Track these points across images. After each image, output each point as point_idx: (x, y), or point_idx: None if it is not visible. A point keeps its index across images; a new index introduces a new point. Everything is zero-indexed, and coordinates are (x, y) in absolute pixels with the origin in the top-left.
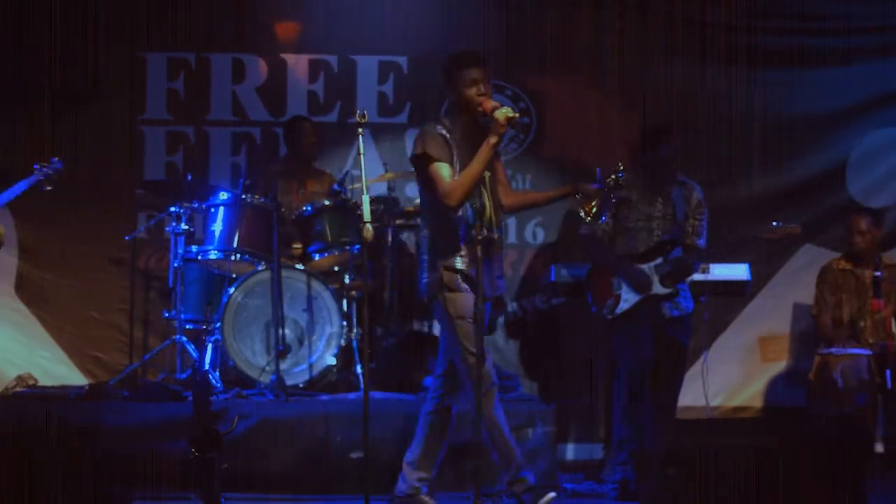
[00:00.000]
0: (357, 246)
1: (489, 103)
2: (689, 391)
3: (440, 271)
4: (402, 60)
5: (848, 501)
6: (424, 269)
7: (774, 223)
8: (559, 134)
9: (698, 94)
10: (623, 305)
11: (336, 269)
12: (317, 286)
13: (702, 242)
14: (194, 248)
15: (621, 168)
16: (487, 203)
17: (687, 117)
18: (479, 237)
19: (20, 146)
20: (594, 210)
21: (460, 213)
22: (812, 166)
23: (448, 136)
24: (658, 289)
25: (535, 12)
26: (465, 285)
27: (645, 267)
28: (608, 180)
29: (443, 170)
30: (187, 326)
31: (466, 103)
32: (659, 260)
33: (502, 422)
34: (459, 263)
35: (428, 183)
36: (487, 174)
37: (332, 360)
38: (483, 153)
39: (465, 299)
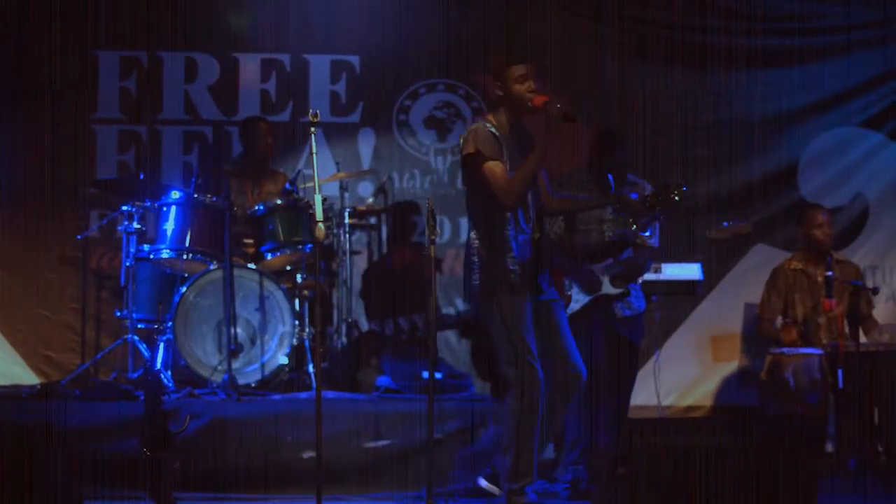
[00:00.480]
0: (309, 245)
1: (540, 98)
2: (641, 391)
3: (496, 272)
4: (355, 60)
5: (799, 501)
6: (475, 271)
7: (725, 223)
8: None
9: (649, 95)
10: (574, 306)
11: (288, 268)
12: (269, 285)
13: (654, 242)
14: (146, 247)
15: (677, 187)
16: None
17: (638, 119)
18: (535, 236)
19: None
20: (634, 224)
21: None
22: (764, 166)
23: (497, 133)
24: (609, 289)
25: (489, 12)
26: (519, 286)
27: (596, 267)
28: (658, 198)
29: (497, 168)
30: (139, 326)
31: (516, 100)
32: (609, 261)
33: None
34: (512, 264)
35: (481, 181)
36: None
37: (285, 360)
38: (539, 151)
39: (521, 302)
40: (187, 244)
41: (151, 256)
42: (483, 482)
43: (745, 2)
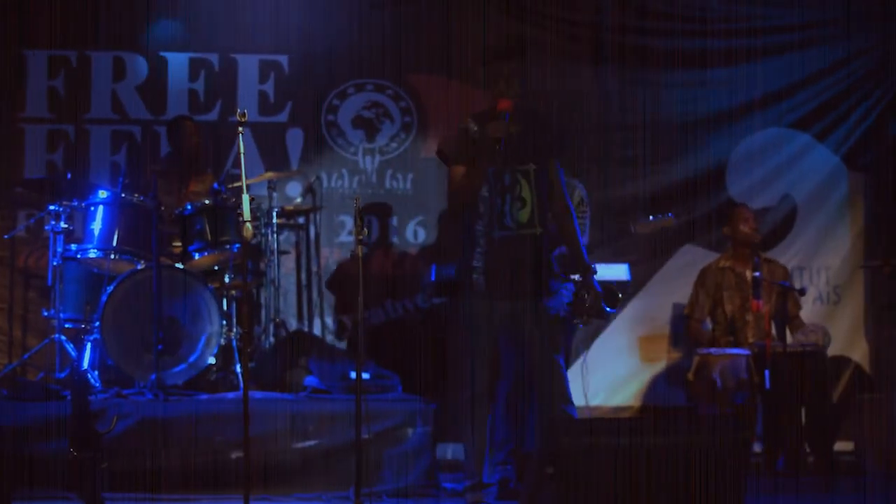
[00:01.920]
0: (237, 245)
1: (503, 102)
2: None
3: (461, 270)
4: (283, 59)
5: (726, 500)
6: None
7: (650, 217)
8: (442, 134)
9: (579, 94)
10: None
11: (216, 268)
12: (196, 285)
13: (583, 240)
14: (74, 246)
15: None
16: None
17: (568, 118)
18: (535, 232)
19: None
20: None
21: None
22: (692, 167)
23: (475, 129)
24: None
25: (417, 11)
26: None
27: None
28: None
29: (452, 171)
30: (66, 325)
31: (492, 94)
32: None
33: None
34: (477, 261)
35: None
36: (532, 167)
37: (212, 360)
38: (476, 171)
39: (480, 302)
40: (115, 244)
41: (79, 256)
42: None
43: (677, 3)
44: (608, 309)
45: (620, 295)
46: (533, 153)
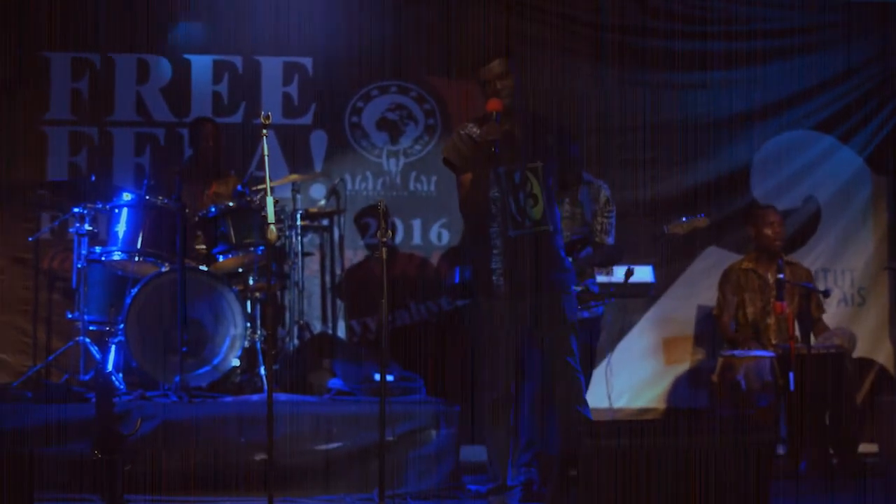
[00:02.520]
0: (261, 247)
1: (492, 103)
2: (592, 393)
3: (477, 272)
4: (307, 62)
5: (749, 503)
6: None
7: (683, 218)
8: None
9: (605, 96)
10: None
11: (240, 270)
12: (221, 287)
13: (610, 240)
14: (98, 249)
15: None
16: (538, 195)
17: (594, 119)
18: (543, 229)
19: None
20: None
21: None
22: (717, 169)
23: (476, 132)
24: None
25: (442, 13)
26: (500, 287)
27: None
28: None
29: (461, 179)
30: (91, 328)
31: (486, 95)
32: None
33: None
34: (495, 263)
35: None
36: (540, 164)
37: (236, 362)
38: (474, 176)
39: (500, 304)
40: (139, 246)
41: (103, 258)
42: None
43: (697, 4)
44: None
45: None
46: (540, 152)
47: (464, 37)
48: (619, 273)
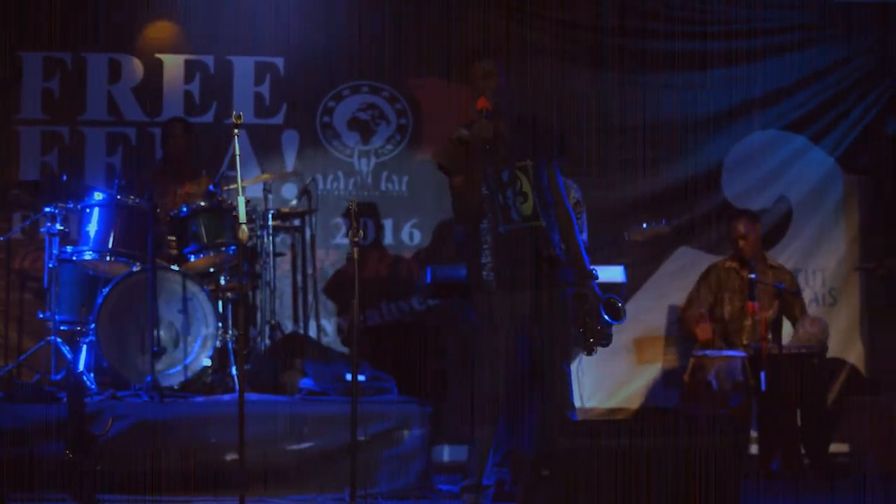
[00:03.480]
0: (232, 247)
1: (481, 101)
2: None
3: (471, 269)
4: (279, 61)
5: (721, 502)
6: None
7: (644, 225)
8: (437, 136)
9: (574, 95)
10: None
11: (211, 270)
12: (192, 287)
13: (583, 237)
14: (69, 248)
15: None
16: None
17: (564, 119)
18: (536, 224)
19: None
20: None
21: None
22: (688, 169)
23: (466, 135)
24: None
25: (414, 12)
26: (493, 283)
27: None
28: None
29: (454, 181)
30: (62, 328)
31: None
32: None
33: None
34: (486, 258)
35: None
36: (529, 163)
37: (208, 362)
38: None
39: (494, 299)
40: (110, 246)
41: (74, 258)
42: None
43: (674, 5)
44: (610, 320)
45: (622, 305)
46: (529, 151)
47: (437, 36)
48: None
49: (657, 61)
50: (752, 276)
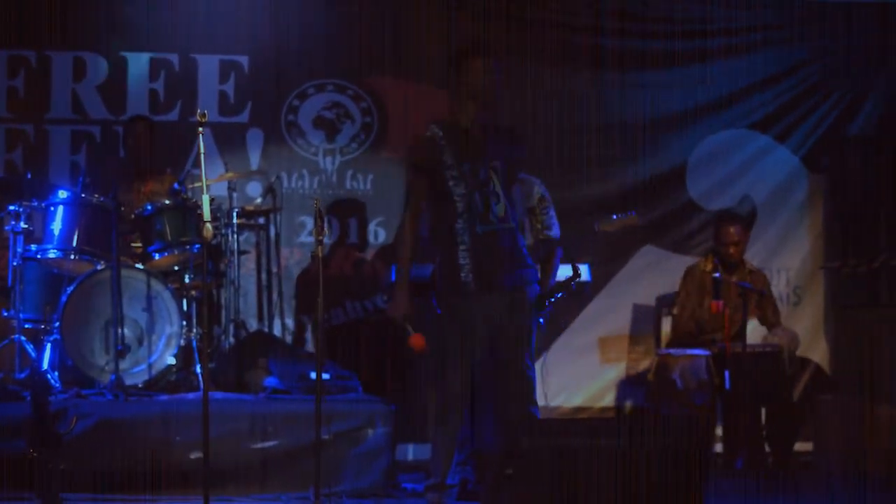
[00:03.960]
0: (197, 245)
1: (416, 341)
2: None
3: (444, 270)
4: (244, 60)
5: (685, 501)
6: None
7: (614, 216)
8: (402, 134)
9: (540, 95)
10: None
11: (176, 268)
12: (156, 286)
13: (555, 233)
14: (33, 247)
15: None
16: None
17: (530, 118)
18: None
19: None
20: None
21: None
22: (653, 168)
23: (440, 134)
24: None
25: (379, 12)
26: (468, 284)
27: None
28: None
29: (413, 184)
30: (26, 326)
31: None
32: None
33: None
34: (463, 259)
35: None
36: (499, 163)
37: (172, 360)
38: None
39: (467, 301)
40: (74, 244)
41: (38, 256)
42: None
43: (637, 4)
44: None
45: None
46: (500, 149)
47: (403, 36)
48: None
49: (623, 60)
50: (717, 274)
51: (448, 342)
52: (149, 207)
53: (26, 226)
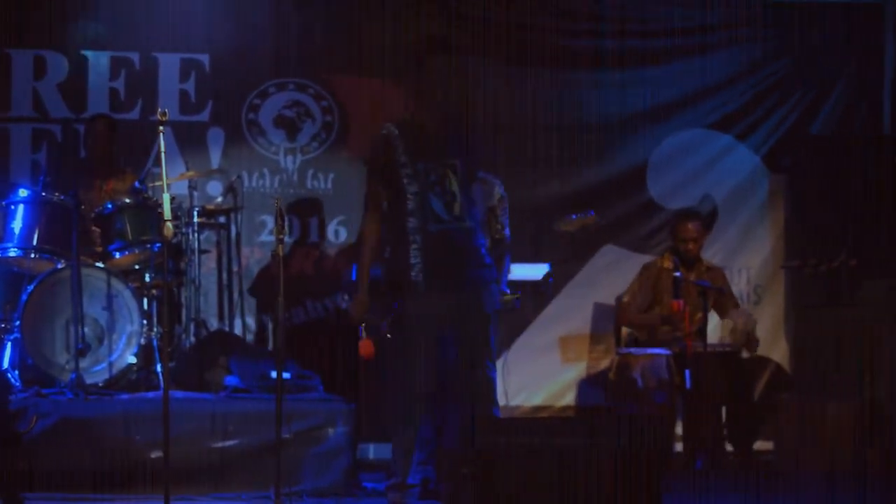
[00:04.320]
0: (157, 244)
1: (365, 348)
2: None
3: (397, 269)
4: (205, 59)
5: (645, 500)
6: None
7: (573, 216)
8: (363, 134)
9: (501, 94)
10: None
11: (137, 267)
12: (117, 284)
13: (507, 234)
14: None
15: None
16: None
17: (490, 118)
18: (465, 225)
19: None
20: None
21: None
22: (613, 167)
23: (396, 133)
24: None
25: (340, 10)
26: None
27: None
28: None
29: (370, 184)
30: None
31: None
32: None
33: None
34: (414, 258)
35: None
36: (457, 161)
37: (132, 359)
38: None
39: (422, 301)
40: (35, 243)
41: None
42: None
43: (597, 3)
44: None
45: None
46: (456, 149)
47: (364, 35)
48: (531, 271)
49: (583, 59)
50: (677, 273)
51: (403, 341)
52: (109, 206)
53: None
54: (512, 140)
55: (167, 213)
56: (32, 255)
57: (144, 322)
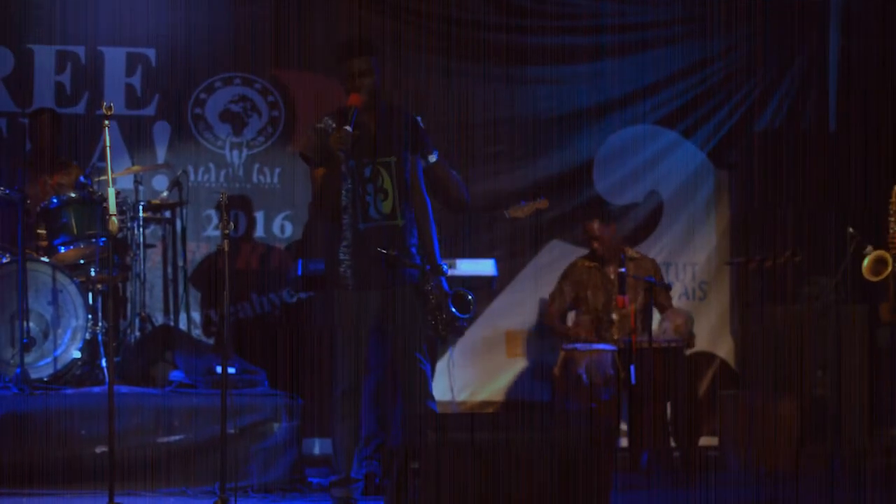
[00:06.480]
0: (103, 239)
1: (353, 98)
2: (435, 386)
3: (330, 264)
4: (151, 52)
5: (591, 497)
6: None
7: (522, 202)
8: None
9: (448, 89)
10: None
11: (82, 261)
12: (62, 279)
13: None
14: None
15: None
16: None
17: (438, 113)
18: (399, 223)
19: None
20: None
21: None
22: (560, 163)
23: (333, 126)
24: None
25: (287, 5)
26: (351, 279)
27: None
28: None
29: (314, 172)
30: None
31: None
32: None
33: None
34: (344, 254)
35: None
36: (393, 159)
37: (78, 354)
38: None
39: (352, 296)
40: None
41: None
42: None
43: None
44: (459, 314)
45: (472, 297)
46: (394, 147)
47: (310, 30)
48: (478, 267)
49: (525, 55)
50: (623, 269)
51: (336, 336)
52: (54, 200)
53: None
54: (461, 136)
55: (112, 208)
56: None
57: (90, 317)
